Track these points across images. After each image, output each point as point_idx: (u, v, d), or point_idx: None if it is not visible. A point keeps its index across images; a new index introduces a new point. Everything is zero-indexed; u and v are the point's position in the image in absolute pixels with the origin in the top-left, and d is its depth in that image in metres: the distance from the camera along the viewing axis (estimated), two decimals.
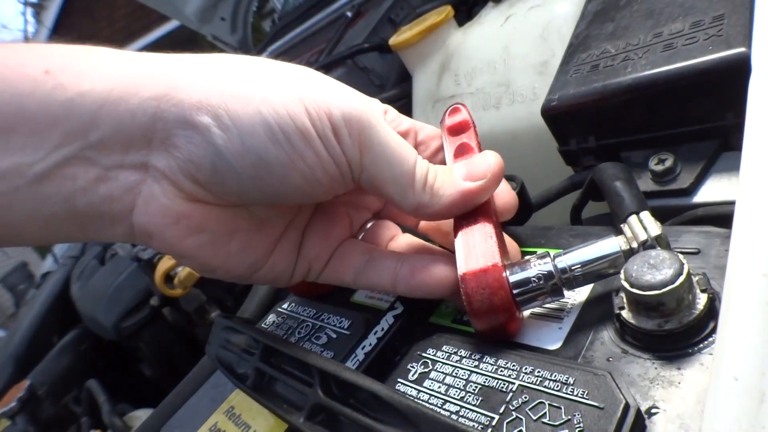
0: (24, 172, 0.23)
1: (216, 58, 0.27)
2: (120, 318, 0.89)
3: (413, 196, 0.28)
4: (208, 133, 0.24)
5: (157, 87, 0.24)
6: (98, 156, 0.24)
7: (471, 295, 0.25)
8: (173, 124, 0.24)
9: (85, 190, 0.25)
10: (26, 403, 0.81)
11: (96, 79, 0.24)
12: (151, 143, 0.25)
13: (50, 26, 7.27)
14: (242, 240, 0.29)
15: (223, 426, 0.35)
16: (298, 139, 0.25)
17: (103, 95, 0.24)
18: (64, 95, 0.23)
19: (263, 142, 0.25)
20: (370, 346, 0.30)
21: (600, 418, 0.19)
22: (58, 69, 0.23)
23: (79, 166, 0.24)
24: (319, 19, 1.36)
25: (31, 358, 1.05)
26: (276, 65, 0.28)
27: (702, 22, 0.35)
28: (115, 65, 0.25)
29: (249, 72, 0.26)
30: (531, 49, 0.52)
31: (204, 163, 0.25)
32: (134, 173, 0.25)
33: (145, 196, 0.26)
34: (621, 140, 0.38)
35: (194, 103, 0.24)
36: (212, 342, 0.37)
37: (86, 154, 0.24)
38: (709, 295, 0.22)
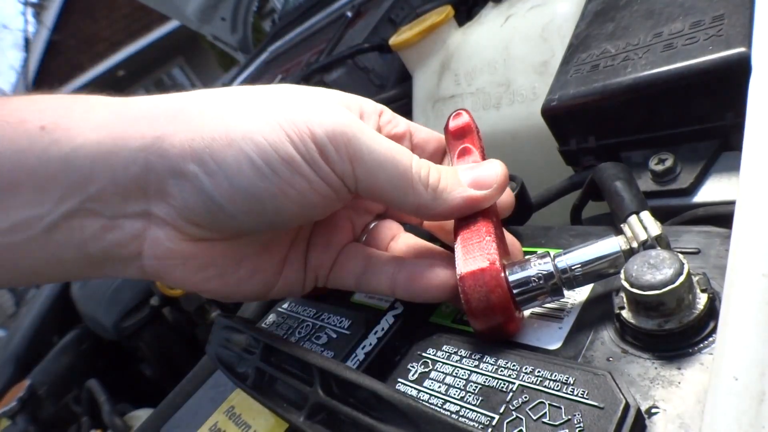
0: (35, 225, 0.25)
1: (195, 97, 0.27)
2: (120, 318, 0.89)
3: (414, 197, 0.27)
4: (197, 181, 0.25)
5: (144, 138, 0.25)
6: (100, 207, 0.25)
7: (469, 295, 0.25)
8: (164, 174, 0.25)
9: (95, 238, 0.26)
10: (26, 403, 0.81)
11: (87, 132, 0.25)
12: (147, 193, 0.26)
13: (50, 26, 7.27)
14: (251, 265, 0.30)
15: (223, 426, 0.35)
16: (285, 169, 0.25)
17: (94, 149, 0.24)
18: (59, 151, 0.24)
19: (251, 180, 0.25)
20: (371, 346, 0.30)
21: (600, 418, 0.19)
22: (52, 124, 0.24)
23: (85, 217, 0.25)
24: (319, 19, 1.36)
25: (31, 357, 1.05)
26: (251, 93, 0.28)
27: (702, 22, 0.35)
28: (104, 117, 0.25)
29: (226, 107, 0.26)
30: (531, 49, 0.52)
31: (198, 209, 0.26)
32: (138, 221, 0.26)
33: (150, 241, 0.27)
34: (621, 140, 0.38)
35: (179, 153, 0.25)
36: (212, 341, 0.37)
37: (89, 206, 0.25)
38: (709, 295, 0.22)
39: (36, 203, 0.24)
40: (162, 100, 0.27)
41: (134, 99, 0.27)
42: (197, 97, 0.27)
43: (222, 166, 0.25)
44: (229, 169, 0.25)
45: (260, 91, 0.28)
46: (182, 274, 0.28)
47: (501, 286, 0.25)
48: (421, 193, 0.27)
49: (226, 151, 0.25)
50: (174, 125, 0.25)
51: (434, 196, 0.28)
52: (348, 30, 1.06)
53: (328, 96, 0.30)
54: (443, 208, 0.28)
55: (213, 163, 0.25)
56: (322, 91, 0.30)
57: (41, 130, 0.24)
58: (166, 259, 0.27)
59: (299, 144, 0.25)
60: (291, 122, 0.26)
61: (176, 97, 0.27)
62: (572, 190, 0.40)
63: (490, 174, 0.29)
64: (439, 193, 0.28)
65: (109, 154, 0.25)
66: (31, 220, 0.24)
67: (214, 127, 0.25)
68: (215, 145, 0.25)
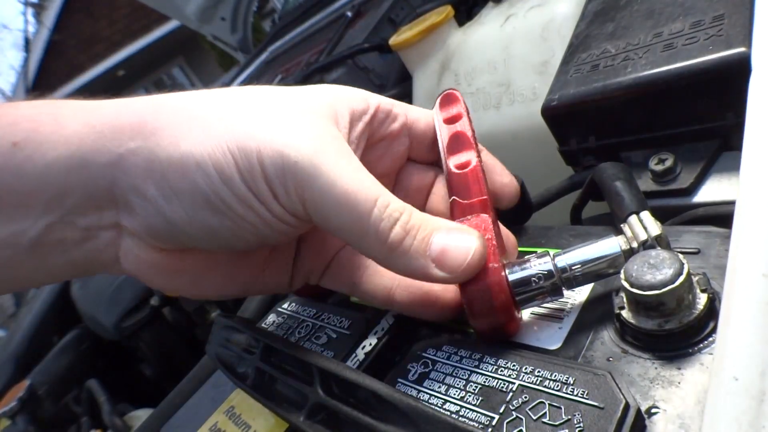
0: (21, 239, 0.25)
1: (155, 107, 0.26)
2: (120, 318, 0.89)
3: (366, 247, 0.25)
4: (156, 204, 0.25)
5: (110, 153, 0.25)
6: (77, 219, 0.26)
7: (470, 296, 0.25)
8: (128, 191, 0.26)
9: (77, 247, 0.27)
10: (26, 403, 0.81)
11: (59, 147, 0.25)
12: (116, 204, 0.26)
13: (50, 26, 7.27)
14: (224, 272, 0.30)
15: (223, 426, 0.35)
16: (236, 204, 0.25)
17: (66, 163, 0.25)
18: (34, 167, 0.24)
19: (205, 212, 0.25)
20: (370, 346, 0.30)
21: (600, 418, 0.19)
22: (24, 140, 0.24)
23: (65, 229, 0.26)
24: (320, 19, 1.36)
25: (31, 357, 1.05)
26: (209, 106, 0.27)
27: (702, 22, 0.35)
28: (73, 130, 0.25)
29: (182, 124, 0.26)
30: (531, 49, 0.52)
31: (158, 227, 0.26)
32: (110, 231, 0.27)
33: (123, 248, 0.28)
34: (621, 140, 0.38)
35: (140, 173, 0.25)
36: (212, 341, 0.37)
37: (67, 219, 0.26)
38: (709, 295, 0.22)
39: (19, 218, 0.25)
40: (126, 109, 0.26)
41: (99, 106, 0.27)
42: (157, 108, 0.27)
43: (179, 196, 0.25)
44: (185, 201, 0.25)
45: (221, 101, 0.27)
46: (156, 279, 0.29)
47: (502, 286, 0.25)
48: (373, 246, 0.25)
49: (183, 182, 0.25)
50: (135, 141, 0.25)
51: (387, 254, 0.25)
52: (348, 30, 1.06)
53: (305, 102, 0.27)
54: (395, 269, 0.25)
55: (170, 190, 0.25)
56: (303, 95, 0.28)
57: (14, 147, 0.24)
58: (138, 265, 0.28)
59: (248, 177, 0.25)
60: (242, 149, 0.24)
61: (139, 106, 0.27)
62: (572, 190, 0.40)
63: (460, 253, 0.24)
64: (398, 253, 0.24)
65: (81, 169, 0.25)
66: (17, 234, 0.25)
67: (169, 150, 0.25)
68: (171, 174, 0.25)
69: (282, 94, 0.28)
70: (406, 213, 0.25)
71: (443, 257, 0.24)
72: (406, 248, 0.24)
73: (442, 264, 0.24)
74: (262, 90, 0.28)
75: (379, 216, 0.24)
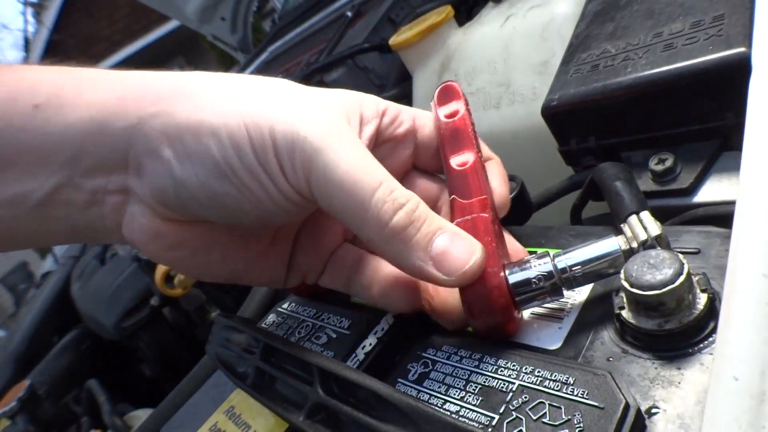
0: (26, 200, 0.26)
1: (180, 80, 0.28)
2: (120, 318, 0.89)
3: (366, 230, 0.25)
4: (169, 165, 0.26)
5: (128, 117, 0.26)
6: (85, 182, 0.26)
7: (468, 297, 0.25)
8: (142, 153, 0.26)
9: (81, 211, 0.27)
10: (26, 403, 0.81)
11: (79, 110, 0.25)
12: (127, 168, 0.27)
13: (50, 26, 7.27)
14: (222, 252, 0.31)
15: (223, 426, 0.35)
16: (244, 175, 0.26)
17: (85, 126, 0.25)
18: (53, 129, 0.25)
19: (214, 178, 0.26)
20: (370, 346, 0.30)
21: (600, 418, 0.19)
22: (45, 102, 0.25)
23: (71, 192, 0.26)
24: (320, 19, 1.36)
25: (31, 357, 1.05)
26: (229, 83, 0.28)
27: (702, 22, 0.35)
28: (95, 94, 0.26)
29: (201, 97, 0.27)
30: (531, 49, 0.52)
31: (167, 191, 0.26)
32: (117, 195, 0.27)
33: (128, 215, 0.28)
34: (621, 140, 0.38)
35: (157, 135, 0.26)
36: (212, 341, 0.37)
37: (75, 182, 0.26)
38: (709, 295, 0.22)
39: (28, 179, 0.25)
40: (148, 80, 0.27)
41: (124, 75, 0.28)
42: (178, 81, 0.28)
43: (191, 159, 0.25)
44: (197, 164, 0.26)
45: (242, 81, 0.28)
46: (154, 249, 0.29)
47: (500, 287, 0.25)
48: (371, 230, 0.24)
49: (197, 146, 0.25)
50: (156, 107, 0.26)
51: (387, 239, 0.24)
52: (348, 30, 1.06)
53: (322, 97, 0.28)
54: (390, 257, 0.25)
55: (184, 153, 0.25)
56: (322, 92, 0.29)
57: (34, 109, 0.25)
58: (139, 233, 0.28)
59: (260, 152, 0.25)
60: (256, 125, 0.25)
61: (162, 76, 0.28)
62: (572, 190, 0.40)
63: (461, 259, 0.24)
64: (398, 240, 0.24)
65: (99, 133, 0.25)
66: (23, 194, 0.25)
67: (188, 115, 0.26)
68: (187, 137, 0.25)
69: (297, 87, 0.29)
70: (413, 202, 0.25)
71: (443, 258, 0.24)
72: (407, 237, 0.24)
73: (440, 265, 0.24)
74: (278, 80, 0.29)
75: (382, 199, 0.24)
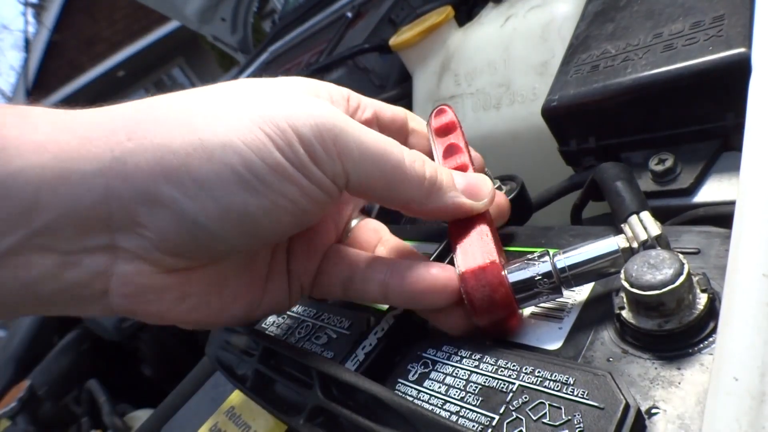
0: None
1: (158, 103, 0.24)
2: (120, 318, 0.89)
3: (407, 191, 0.26)
4: (176, 206, 0.22)
5: (98, 158, 0.21)
6: (51, 242, 0.21)
7: (471, 293, 0.25)
8: (132, 202, 0.22)
9: (47, 278, 0.22)
10: (26, 404, 0.81)
11: (27, 155, 0.20)
12: (110, 224, 0.22)
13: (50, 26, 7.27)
14: (233, 289, 0.28)
15: (223, 426, 0.35)
16: (274, 178, 0.23)
17: (37, 175, 0.20)
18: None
19: (239, 195, 0.22)
20: (371, 346, 0.30)
21: (600, 418, 0.19)
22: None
23: (32, 254, 0.21)
24: (320, 20, 1.36)
25: (31, 358, 1.05)
26: (217, 91, 0.25)
27: (702, 23, 0.35)
28: (48, 134, 0.21)
29: (193, 111, 0.23)
30: (531, 49, 0.52)
31: (181, 238, 0.23)
32: (101, 256, 0.23)
33: (118, 278, 0.23)
34: (621, 140, 0.38)
35: (148, 174, 0.21)
36: (212, 343, 0.37)
37: (36, 242, 0.21)
38: (709, 295, 0.22)
39: None
40: (115, 110, 0.23)
41: (84, 112, 0.23)
42: (157, 103, 0.24)
43: (204, 186, 0.22)
44: (214, 188, 0.22)
45: (226, 87, 0.25)
46: (159, 308, 0.25)
47: (503, 282, 0.25)
48: (414, 188, 0.26)
49: (207, 167, 0.22)
50: (136, 140, 0.22)
51: (428, 192, 0.27)
52: (348, 30, 1.06)
53: (295, 85, 0.27)
54: (434, 206, 0.27)
55: (192, 182, 0.22)
56: (288, 81, 0.27)
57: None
58: (138, 296, 0.24)
59: (285, 147, 0.23)
60: (270, 121, 0.23)
61: (133, 105, 0.24)
62: (572, 190, 0.40)
63: (483, 186, 0.28)
64: (435, 190, 0.27)
65: (57, 181, 0.21)
66: None
67: (185, 138, 0.22)
68: (192, 162, 0.21)
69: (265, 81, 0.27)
70: (424, 156, 0.28)
71: (470, 189, 0.28)
72: (440, 184, 0.27)
73: (471, 194, 0.28)
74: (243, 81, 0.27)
75: (412, 158, 0.26)
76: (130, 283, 0.23)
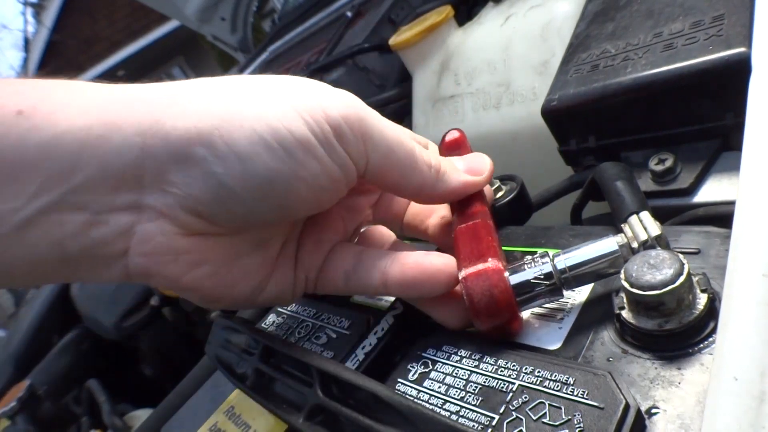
0: (6, 220, 0.22)
1: (197, 82, 0.26)
2: (120, 318, 0.89)
3: (418, 177, 0.29)
4: (206, 165, 0.23)
5: (140, 120, 0.23)
6: (85, 200, 0.23)
7: (473, 296, 0.25)
8: (165, 160, 0.23)
9: (76, 236, 0.23)
10: (26, 403, 0.81)
11: (73, 117, 0.22)
12: (142, 182, 0.23)
13: (50, 26, 7.27)
14: (244, 265, 0.29)
15: (223, 426, 0.35)
16: (299, 151, 0.24)
17: (82, 135, 0.22)
18: (39, 138, 0.22)
19: (265, 162, 0.24)
20: (371, 346, 0.30)
21: (600, 418, 0.19)
22: (31, 108, 0.22)
23: (66, 211, 0.23)
24: (319, 19, 1.36)
25: (31, 357, 1.05)
26: (260, 79, 0.27)
27: (702, 22, 0.35)
28: (92, 99, 0.23)
29: (235, 90, 0.25)
30: (531, 49, 0.52)
31: (206, 196, 0.24)
32: (127, 215, 0.24)
33: (140, 236, 0.24)
34: (621, 140, 0.38)
35: (183, 134, 0.23)
36: (212, 342, 0.37)
37: (71, 199, 0.22)
38: (710, 295, 0.22)
39: (9, 196, 0.22)
40: (159, 86, 0.25)
41: (126, 85, 0.25)
42: (198, 83, 0.26)
43: (234, 149, 0.23)
44: (243, 152, 0.23)
45: (268, 77, 0.27)
46: (173, 271, 0.26)
47: (505, 284, 0.25)
48: (425, 174, 0.29)
49: (238, 132, 0.23)
50: (175, 107, 0.23)
51: (437, 177, 0.29)
52: (348, 30, 1.06)
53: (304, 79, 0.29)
54: (443, 188, 0.30)
55: (224, 145, 0.23)
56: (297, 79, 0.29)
57: (18, 115, 0.21)
58: (156, 255, 0.25)
59: (314, 126, 0.25)
60: (305, 106, 0.25)
61: (174, 83, 0.26)
62: (572, 190, 0.40)
63: (480, 162, 0.32)
64: (441, 174, 0.30)
65: (100, 140, 0.22)
66: (2, 213, 0.22)
67: (222, 107, 0.24)
68: (225, 126, 0.23)
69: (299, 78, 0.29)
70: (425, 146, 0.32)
71: (472, 167, 0.32)
72: (444, 170, 0.30)
73: (473, 171, 0.31)
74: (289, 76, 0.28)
75: (419, 148, 0.29)
76: (150, 241, 0.25)
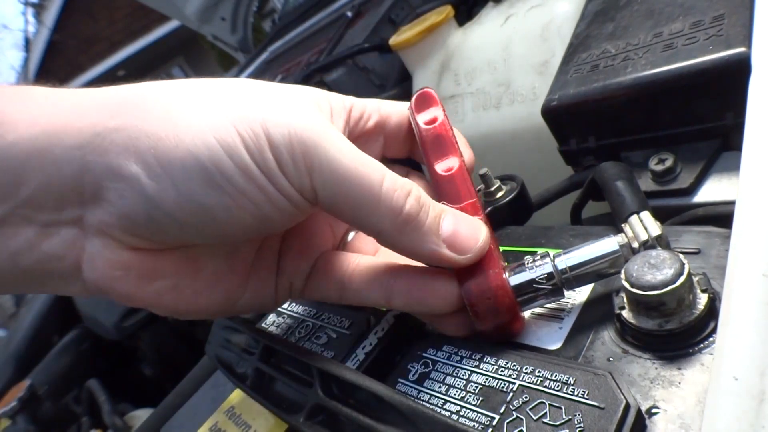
0: None
1: (143, 89, 0.24)
2: (120, 318, 0.89)
3: (376, 221, 0.24)
4: (139, 184, 0.22)
5: (81, 133, 0.22)
6: (33, 213, 0.23)
7: (474, 300, 0.25)
8: (101, 176, 0.22)
9: (28, 249, 0.23)
10: (27, 403, 0.81)
11: (21, 128, 0.22)
12: (82, 197, 0.23)
13: (50, 26, 7.27)
14: (209, 276, 0.27)
15: (223, 426, 0.35)
16: (238, 177, 0.23)
17: (28, 147, 0.22)
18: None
19: (200, 188, 0.22)
20: (371, 345, 0.30)
21: (600, 418, 0.19)
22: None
23: (16, 224, 0.22)
24: (320, 19, 1.36)
25: (31, 357, 1.05)
26: (204, 88, 0.25)
27: (702, 22, 0.35)
28: (41, 109, 0.22)
29: (176, 100, 0.24)
30: (531, 49, 0.52)
31: (139, 217, 0.23)
32: (74, 230, 0.24)
33: (89, 252, 0.24)
34: (621, 140, 0.38)
35: (121, 151, 0.22)
36: (212, 341, 0.37)
37: (21, 212, 0.22)
38: (710, 295, 0.22)
39: None
40: (107, 92, 0.24)
41: (78, 90, 0.24)
42: (145, 89, 0.24)
43: (168, 171, 0.22)
44: (177, 175, 0.22)
45: (215, 84, 0.25)
46: (127, 288, 0.24)
47: (506, 289, 0.25)
48: (385, 219, 0.24)
49: (173, 154, 0.22)
50: (117, 119, 0.22)
51: (401, 228, 0.24)
52: (348, 30, 1.06)
53: (295, 92, 0.27)
54: (407, 246, 0.25)
55: (158, 165, 0.22)
56: (290, 88, 0.27)
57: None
58: (106, 270, 0.24)
59: (254, 149, 0.23)
60: (247, 124, 0.23)
61: (123, 88, 0.24)
62: (572, 190, 0.40)
63: (472, 238, 0.25)
64: (410, 229, 0.24)
65: (43, 153, 0.22)
66: None
67: (161, 123, 0.22)
68: (161, 146, 0.22)
69: (265, 84, 0.27)
70: (416, 188, 0.25)
71: (455, 239, 0.25)
72: (420, 223, 0.24)
73: (453, 245, 0.25)
74: (243, 80, 0.27)
75: (392, 187, 0.24)
76: (98, 256, 0.24)
